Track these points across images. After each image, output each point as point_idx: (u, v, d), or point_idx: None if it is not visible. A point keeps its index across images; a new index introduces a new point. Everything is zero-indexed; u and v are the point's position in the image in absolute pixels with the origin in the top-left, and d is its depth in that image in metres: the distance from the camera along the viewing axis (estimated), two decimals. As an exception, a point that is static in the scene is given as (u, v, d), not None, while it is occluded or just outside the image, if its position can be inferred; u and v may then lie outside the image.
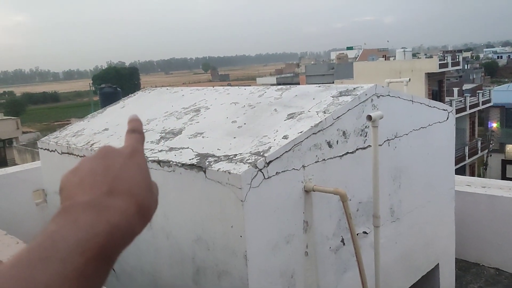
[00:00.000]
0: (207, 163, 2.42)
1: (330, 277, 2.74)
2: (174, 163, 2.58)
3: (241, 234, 2.26)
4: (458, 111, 29.13)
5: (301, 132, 2.48)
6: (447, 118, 3.66)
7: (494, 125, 37.35)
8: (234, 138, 2.66)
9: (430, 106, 3.49)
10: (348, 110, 2.72)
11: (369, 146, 2.85)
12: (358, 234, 2.75)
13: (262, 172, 2.28)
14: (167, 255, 2.80)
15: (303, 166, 2.49)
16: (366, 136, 2.86)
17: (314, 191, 2.50)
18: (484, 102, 35.06)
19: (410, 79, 4.88)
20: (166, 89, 4.41)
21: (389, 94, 3.03)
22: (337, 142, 2.67)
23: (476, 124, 35.66)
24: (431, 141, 3.52)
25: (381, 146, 2.94)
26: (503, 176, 27.28)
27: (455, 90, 34.45)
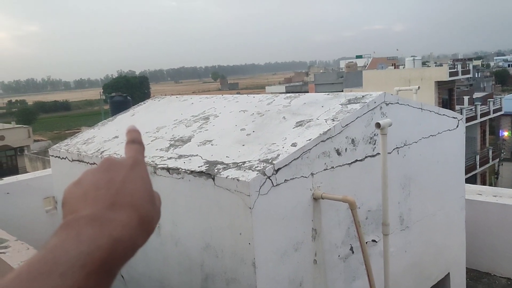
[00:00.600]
0: (216, 171, 2.43)
1: (339, 285, 2.72)
2: (183, 171, 2.59)
3: (249, 241, 2.26)
4: (469, 120, 28.91)
5: (309, 139, 2.49)
6: (457, 126, 3.64)
7: (505, 133, 37.01)
8: (243, 145, 2.67)
9: (440, 114, 3.47)
10: (357, 118, 2.71)
11: (378, 153, 2.84)
12: (367, 242, 2.74)
13: (271, 179, 2.28)
14: (176, 262, 2.80)
15: (312, 174, 2.48)
16: (375, 143, 2.85)
17: (322, 199, 2.50)
18: (495, 111, 34.79)
19: (419, 87, 4.86)
20: (176, 97, 4.44)
21: (398, 102, 3.02)
22: (345, 149, 2.67)
23: (487, 132, 35.35)
24: (441, 149, 3.50)
25: (390, 154, 2.93)
26: (515, 185, 26.99)
27: (466, 98, 34.20)
